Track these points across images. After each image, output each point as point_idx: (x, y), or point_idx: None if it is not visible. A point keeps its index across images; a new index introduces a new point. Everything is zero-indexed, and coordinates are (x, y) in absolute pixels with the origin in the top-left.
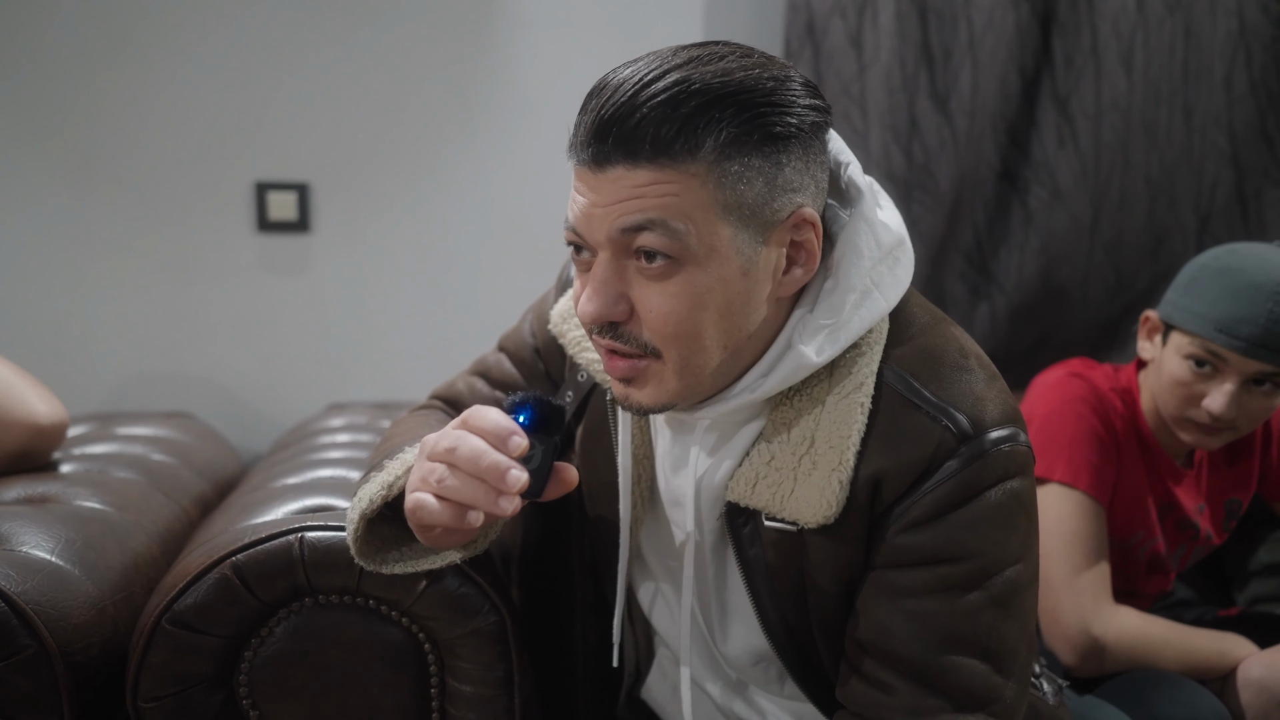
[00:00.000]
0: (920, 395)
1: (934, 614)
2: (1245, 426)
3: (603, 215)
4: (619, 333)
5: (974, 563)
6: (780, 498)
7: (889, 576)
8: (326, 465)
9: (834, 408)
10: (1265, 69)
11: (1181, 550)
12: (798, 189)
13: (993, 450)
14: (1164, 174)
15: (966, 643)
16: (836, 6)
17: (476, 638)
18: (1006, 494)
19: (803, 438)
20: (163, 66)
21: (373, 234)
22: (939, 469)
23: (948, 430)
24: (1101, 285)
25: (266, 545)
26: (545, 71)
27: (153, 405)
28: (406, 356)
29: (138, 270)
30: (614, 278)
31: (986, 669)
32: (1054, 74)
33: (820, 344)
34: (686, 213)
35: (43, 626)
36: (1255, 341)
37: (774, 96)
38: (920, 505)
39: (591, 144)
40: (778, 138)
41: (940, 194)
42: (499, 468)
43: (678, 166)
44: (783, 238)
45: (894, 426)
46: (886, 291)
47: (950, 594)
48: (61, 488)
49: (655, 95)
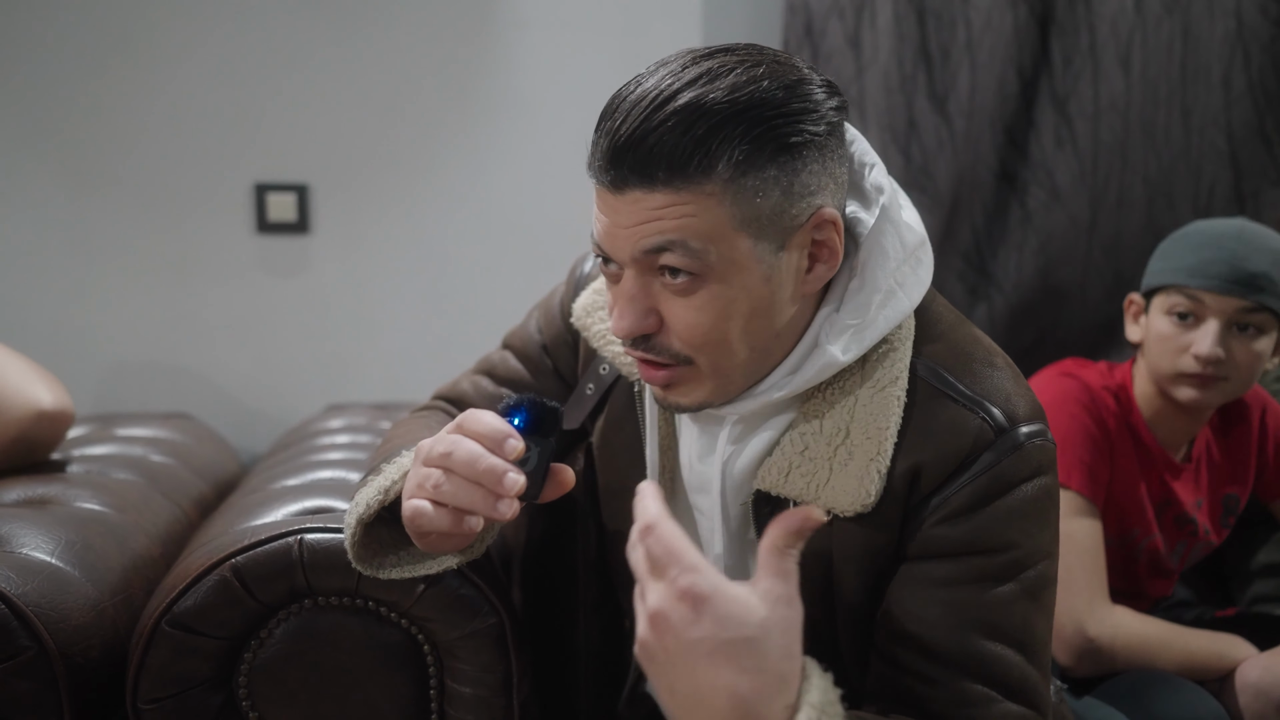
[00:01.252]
0: (955, 389)
1: (970, 604)
2: (1237, 378)
3: (625, 236)
4: (651, 344)
5: (1009, 555)
6: (816, 486)
7: (923, 568)
8: (326, 466)
9: (869, 400)
10: (1263, 69)
11: (1181, 548)
12: (815, 191)
13: (1026, 444)
14: (1162, 174)
15: (1003, 633)
16: (835, 7)
17: (475, 639)
18: (1039, 488)
19: (837, 429)
20: (162, 67)
21: (372, 235)
22: (976, 461)
23: (984, 422)
24: (1100, 285)
25: (266, 547)
26: (544, 71)
27: (152, 406)
28: (406, 357)
29: (137, 271)
30: (641, 294)
31: (1021, 660)
32: (1052, 74)
33: (846, 343)
34: (705, 232)
35: (43, 628)
36: (1226, 278)
37: (786, 106)
38: (958, 497)
39: (609, 169)
40: (792, 147)
41: (939, 194)
42: (495, 471)
43: (693, 188)
44: (804, 240)
45: (931, 419)
46: (910, 291)
47: (985, 584)
48: (61, 489)
49: (668, 118)
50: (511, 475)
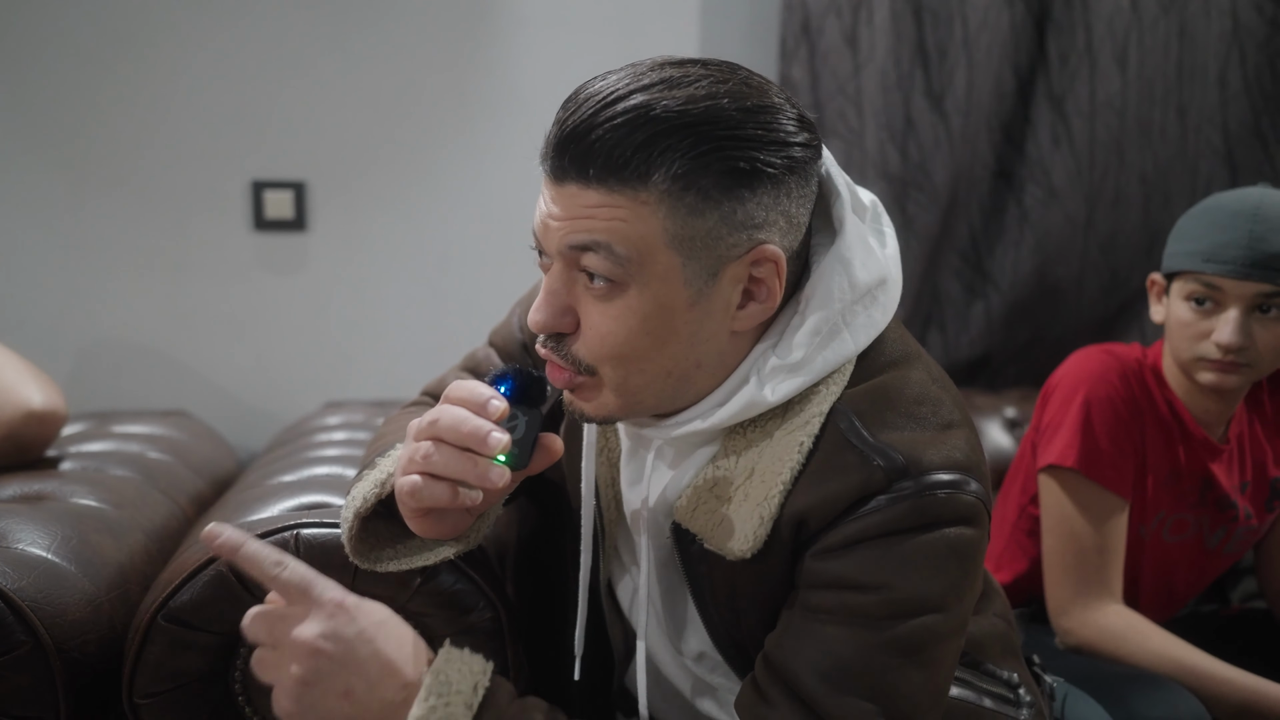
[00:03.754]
0: (859, 435)
1: (837, 641)
2: (1262, 361)
3: (556, 229)
4: (560, 346)
5: (882, 595)
6: (711, 525)
7: (804, 595)
8: (323, 463)
9: (779, 443)
10: (1259, 68)
11: (1221, 532)
12: (761, 226)
13: (929, 494)
14: (1158, 172)
15: (860, 681)
16: (832, 6)
17: (472, 634)
18: (938, 538)
19: (746, 469)
20: (160, 65)
21: (369, 232)
22: (864, 504)
23: (878, 468)
24: (1096, 283)
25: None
26: (542, 70)
27: (149, 403)
28: (403, 354)
29: (134, 268)
30: (563, 290)
31: (874, 711)
32: (1049, 73)
33: (777, 384)
34: (633, 239)
35: (39, 623)
36: (1242, 262)
37: (741, 130)
38: (839, 534)
39: (552, 157)
40: (739, 173)
41: (936, 192)
42: (480, 432)
43: (627, 192)
44: (739, 273)
45: (827, 465)
46: (857, 334)
47: (855, 623)
48: (58, 485)
49: (613, 118)
50: (495, 434)
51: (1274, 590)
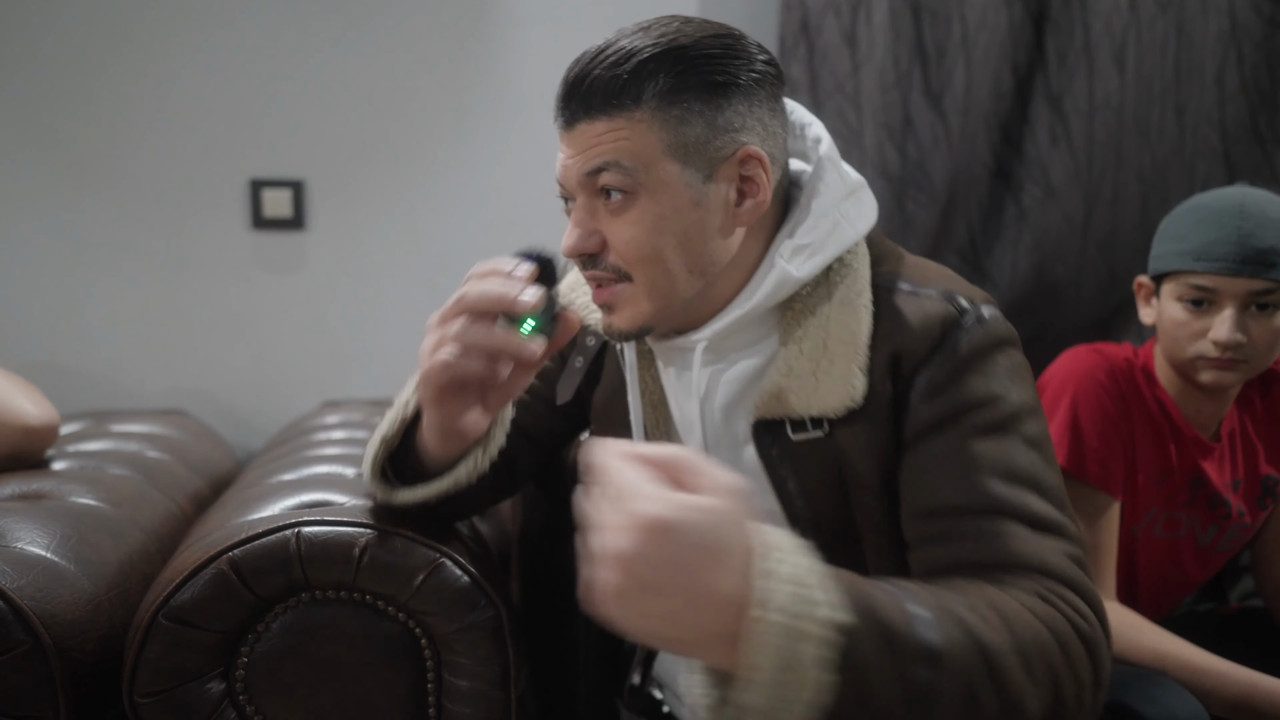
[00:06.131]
0: (919, 287)
1: (977, 456)
2: (1258, 357)
3: (573, 165)
4: (596, 262)
5: (999, 406)
6: (805, 398)
7: (925, 446)
8: (322, 462)
9: (839, 315)
10: (1256, 67)
11: (1214, 530)
12: (740, 129)
13: (990, 320)
14: (1156, 172)
15: (1015, 476)
16: (830, 4)
17: (473, 632)
18: (1009, 357)
19: (815, 346)
20: (158, 64)
21: (368, 231)
22: (948, 336)
23: (951, 304)
24: (1094, 282)
25: (263, 540)
26: (539, 69)
27: (147, 402)
28: (402, 353)
29: (132, 267)
30: (587, 217)
31: (1040, 499)
32: (1047, 72)
33: (800, 263)
34: (636, 153)
35: (38, 622)
36: (1234, 259)
37: (709, 51)
38: (940, 371)
39: (561, 108)
40: (715, 85)
41: (934, 191)
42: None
43: (625, 114)
44: (730, 173)
45: (899, 314)
46: (855, 222)
47: (987, 437)
48: (57, 484)
49: (605, 60)
50: (529, 292)
51: (1271, 588)
